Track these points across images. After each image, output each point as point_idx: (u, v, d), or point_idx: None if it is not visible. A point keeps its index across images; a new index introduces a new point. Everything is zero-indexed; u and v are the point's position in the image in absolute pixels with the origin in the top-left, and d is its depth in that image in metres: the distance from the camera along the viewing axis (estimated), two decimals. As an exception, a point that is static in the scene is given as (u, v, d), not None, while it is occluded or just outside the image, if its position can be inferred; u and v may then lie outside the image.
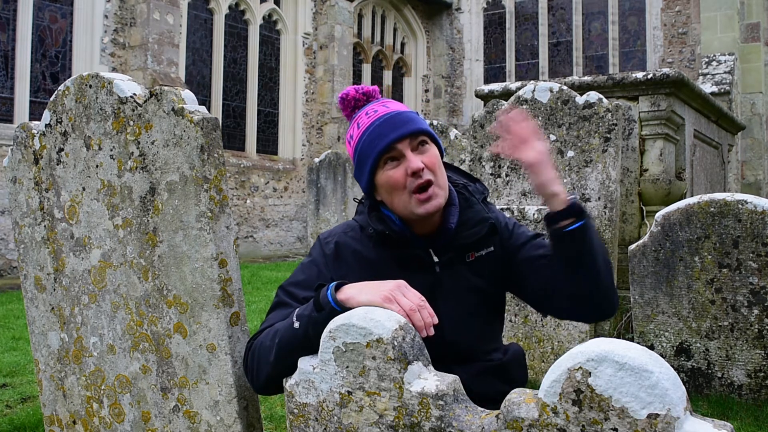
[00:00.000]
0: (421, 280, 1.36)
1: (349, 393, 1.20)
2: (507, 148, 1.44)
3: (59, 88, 1.76)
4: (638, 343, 2.88)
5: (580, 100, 3.78)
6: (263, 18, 12.05)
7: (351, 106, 1.52)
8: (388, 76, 14.85)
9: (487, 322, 1.56)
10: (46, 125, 1.78)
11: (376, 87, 1.56)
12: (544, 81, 4.07)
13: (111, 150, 1.64)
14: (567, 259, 1.41)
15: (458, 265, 1.50)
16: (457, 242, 1.49)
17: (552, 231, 1.42)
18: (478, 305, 1.51)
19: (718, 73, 11.24)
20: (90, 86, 1.67)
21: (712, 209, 2.97)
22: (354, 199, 2.03)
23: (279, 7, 12.29)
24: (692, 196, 4.06)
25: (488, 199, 1.62)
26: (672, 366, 2.31)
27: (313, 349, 1.27)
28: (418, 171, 1.39)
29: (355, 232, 1.52)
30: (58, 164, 1.76)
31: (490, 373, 1.51)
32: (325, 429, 1.24)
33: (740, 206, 2.91)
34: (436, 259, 1.48)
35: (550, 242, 1.46)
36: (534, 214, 3.40)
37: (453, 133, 7.66)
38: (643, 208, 4.30)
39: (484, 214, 1.51)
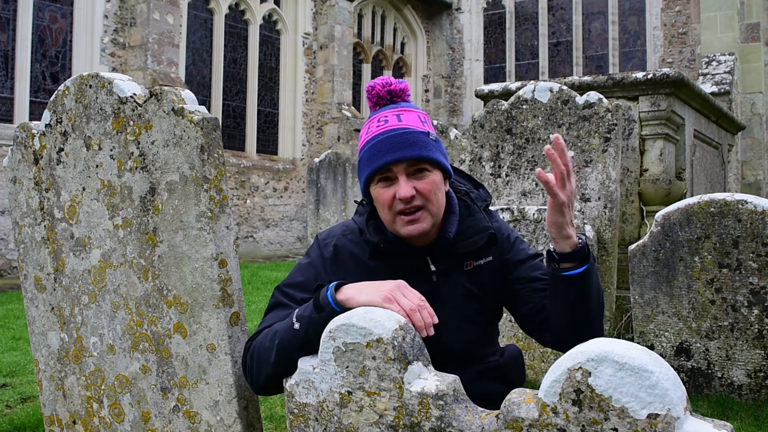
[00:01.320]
0: (419, 288, 1.35)
1: (349, 393, 1.20)
2: (555, 178, 1.33)
3: (59, 88, 1.76)
4: (638, 343, 2.88)
5: (580, 100, 3.78)
6: (263, 18, 12.04)
7: (374, 101, 1.49)
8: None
9: (484, 327, 1.56)
10: (46, 125, 1.78)
11: (406, 85, 1.50)
12: (544, 81, 4.06)
13: (111, 150, 1.64)
14: (560, 299, 1.40)
15: (456, 273, 1.49)
16: (455, 251, 1.48)
17: (552, 269, 1.40)
18: (475, 312, 1.51)
19: (718, 73, 11.23)
20: (90, 86, 1.67)
21: (712, 209, 2.97)
22: (354, 200, 2.03)
23: (279, 7, 12.29)
24: (692, 196, 4.06)
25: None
26: (672, 366, 2.31)
27: (313, 349, 1.27)
28: (405, 199, 1.37)
29: (354, 235, 1.52)
30: (58, 164, 1.76)
31: (488, 375, 1.51)
32: (325, 429, 1.24)
33: (740, 206, 2.91)
34: (433, 267, 1.48)
35: (549, 279, 1.44)
36: (534, 214, 3.40)
37: (453, 133, 7.66)
38: (643, 208, 4.30)
39: (484, 224, 1.49)
